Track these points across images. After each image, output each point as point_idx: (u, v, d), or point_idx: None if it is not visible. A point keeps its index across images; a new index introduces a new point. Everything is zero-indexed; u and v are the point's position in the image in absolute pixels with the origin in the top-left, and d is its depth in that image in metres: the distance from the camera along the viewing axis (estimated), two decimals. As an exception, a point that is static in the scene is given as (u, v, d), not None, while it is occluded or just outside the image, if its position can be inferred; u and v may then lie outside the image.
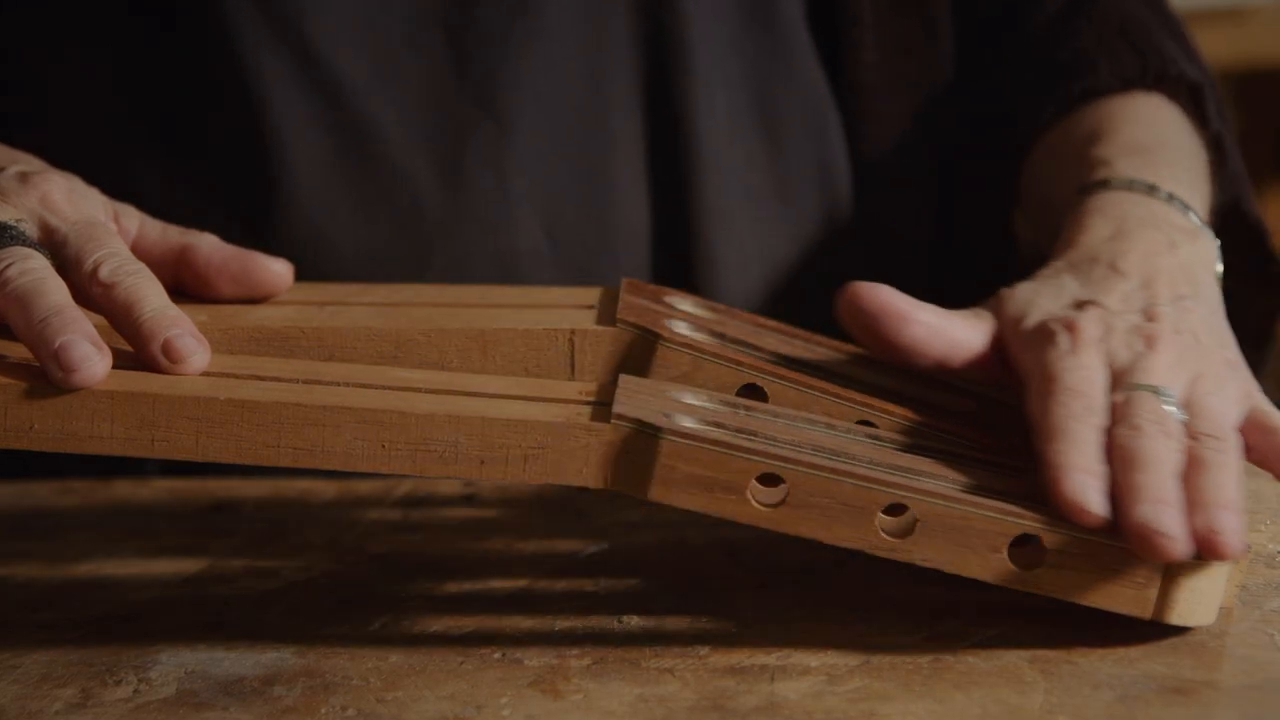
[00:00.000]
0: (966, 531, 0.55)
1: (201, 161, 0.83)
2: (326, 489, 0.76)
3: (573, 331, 0.63)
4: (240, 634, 0.59)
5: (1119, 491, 0.55)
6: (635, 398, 0.57)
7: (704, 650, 0.57)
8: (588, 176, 0.84)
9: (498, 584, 0.64)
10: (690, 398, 0.59)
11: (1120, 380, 0.60)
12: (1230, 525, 0.55)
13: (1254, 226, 0.82)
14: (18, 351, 0.58)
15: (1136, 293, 0.65)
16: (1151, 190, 0.73)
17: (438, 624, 0.60)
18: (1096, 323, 0.62)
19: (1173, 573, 0.55)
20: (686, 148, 0.85)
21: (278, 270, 0.66)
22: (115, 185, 0.72)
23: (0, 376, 0.56)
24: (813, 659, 0.56)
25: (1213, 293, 0.68)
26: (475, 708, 0.53)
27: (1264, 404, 0.63)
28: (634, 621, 0.60)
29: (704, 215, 0.85)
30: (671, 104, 0.85)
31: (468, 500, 0.75)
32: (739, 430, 0.57)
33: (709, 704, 0.53)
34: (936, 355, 0.63)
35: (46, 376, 0.55)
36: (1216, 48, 2.36)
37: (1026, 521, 0.55)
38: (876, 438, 0.60)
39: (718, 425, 0.57)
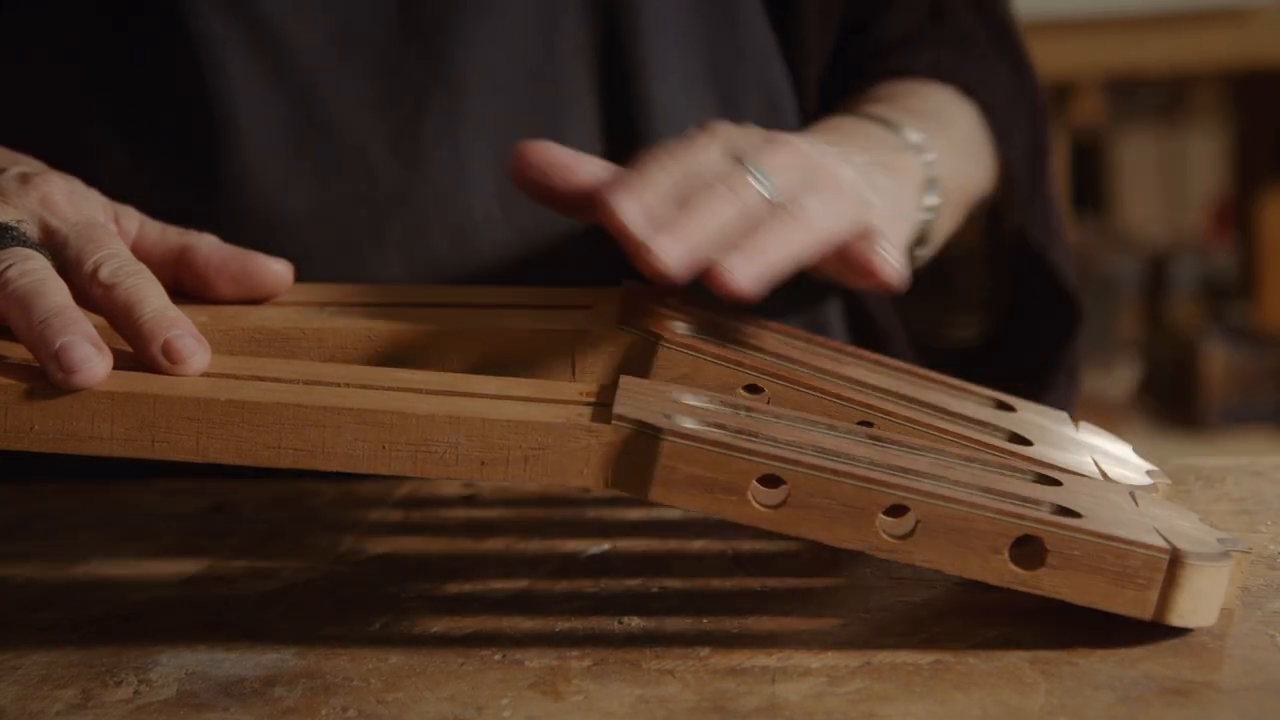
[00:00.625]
0: (967, 532, 0.55)
1: (152, 128, 0.82)
2: (327, 490, 0.76)
3: (573, 332, 0.63)
4: (241, 635, 0.59)
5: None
6: (636, 398, 0.57)
7: (705, 651, 0.57)
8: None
9: (498, 585, 0.64)
10: (691, 399, 0.59)
11: (733, 167, 0.63)
12: (738, 265, 0.60)
13: (1038, 256, 0.87)
14: (18, 352, 0.58)
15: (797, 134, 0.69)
16: (888, 124, 0.78)
17: (438, 625, 0.60)
18: (731, 127, 0.66)
19: (1174, 574, 0.55)
20: (640, 112, 0.85)
21: (278, 270, 0.66)
22: (65, 153, 0.72)
23: (0, 377, 0.56)
24: (813, 660, 0.56)
25: (885, 174, 0.72)
26: (476, 709, 0.53)
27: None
28: (635, 622, 0.60)
29: None
30: (625, 69, 0.84)
31: (468, 501, 0.75)
32: (740, 431, 0.57)
33: (710, 705, 0.53)
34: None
35: (47, 377, 0.55)
36: (1217, 48, 2.36)
37: (1027, 522, 0.55)
38: (877, 439, 0.60)
39: (718, 426, 0.57)
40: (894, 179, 0.74)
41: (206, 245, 0.66)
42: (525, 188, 0.66)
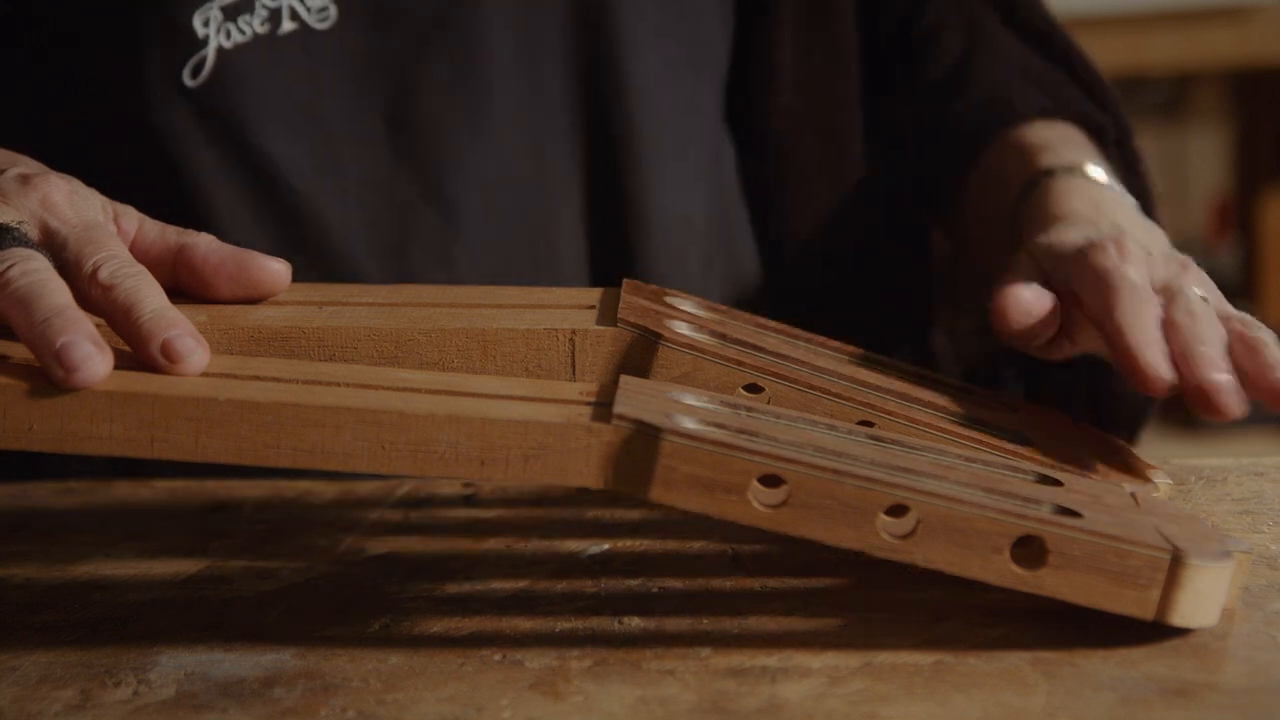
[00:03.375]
0: (968, 532, 0.55)
1: None
2: (326, 490, 0.76)
3: (573, 332, 0.63)
4: (240, 635, 0.59)
5: (1181, 364, 0.63)
6: (636, 398, 0.57)
7: (705, 652, 0.57)
8: (533, 258, 0.84)
9: (498, 585, 0.64)
10: (691, 398, 0.59)
11: (1163, 288, 0.67)
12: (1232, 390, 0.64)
13: None
14: (17, 353, 0.58)
15: (1149, 237, 0.71)
16: (1093, 177, 0.79)
17: (438, 625, 0.60)
18: (1136, 243, 0.69)
19: (1175, 575, 0.55)
20: (631, 218, 0.85)
21: (275, 269, 0.66)
22: None
23: (0, 378, 0.56)
24: (814, 661, 0.56)
25: None
26: (476, 709, 0.53)
27: None
28: (635, 623, 0.59)
29: (654, 283, 0.85)
30: (616, 175, 0.85)
31: (468, 501, 0.75)
32: (740, 431, 0.57)
33: (710, 705, 0.53)
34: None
35: (47, 376, 0.55)
36: (1218, 47, 2.36)
37: (1028, 522, 0.55)
38: (878, 439, 0.60)
39: (719, 426, 0.57)
40: None
41: (204, 244, 0.66)
42: (1013, 339, 0.69)
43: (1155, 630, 0.56)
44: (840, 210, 0.92)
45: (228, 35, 0.80)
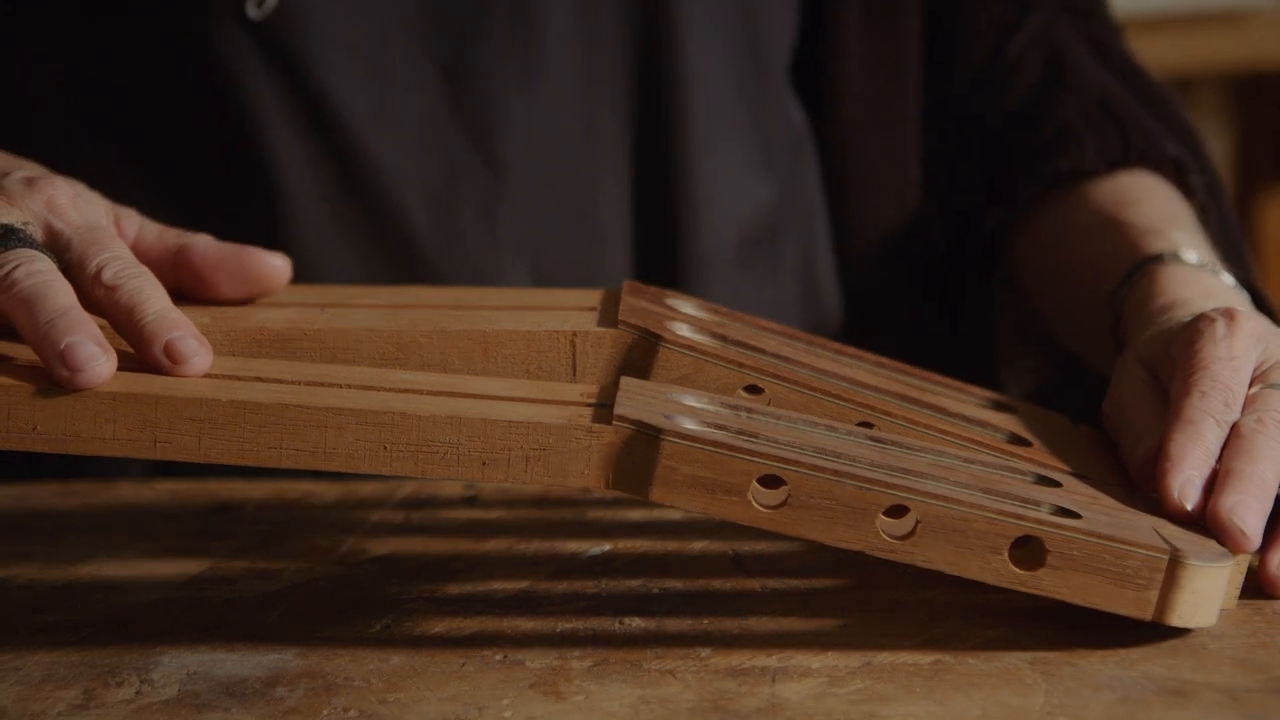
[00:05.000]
0: (967, 533, 0.55)
1: (206, 190, 0.83)
2: (328, 491, 0.77)
3: (574, 333, 0.63)
4: (242, 635, 0.59)
5: (1220, 474, 0.58)
6: (636, 399, 0.57)
7: (705, 652, 0.57)
8: (577, 224, 0.84)
9: (499, 585, 0.64)
10: (691, 399, 0.59)
11: (1261, 376, 0.62)
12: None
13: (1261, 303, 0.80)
14: (20, 354, 0.58)
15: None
16: (1201, 265, 0.75)
17: (439, 625, 0.60)
18: (1252, 316, 0.64)
19: (1174, 575, 0.55)
20: (682, 194, 0.85)
21: (276, 264, 0.66)
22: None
23: (4, 378, 0.56)
24: (814, 661, 0.56)
25: None
26: (477, 709, 0.53)
27: None
28: (635, 623, 0.60)
29: (693, 266, 0.85)
30: (666, 150, 0.85)
31: (469, 502, 0.75)
32: (740, 432, 0.57)
33: (710, 705, 0.53)
34: None
35: (51, 377, 0.56)
36: (1217, 50, 2.36)
37: (1027, 523, 0.55)
38: (877, 439, 0.60)
39: (719, 427, 0.57)
40: None
41: (202, 243, 0.66)
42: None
43: (1154, 630, 0.56)
44: (897, 230, 0.91)
45: None
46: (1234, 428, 0.60)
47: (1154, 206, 0.81)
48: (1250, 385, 0.62)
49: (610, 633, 0.59)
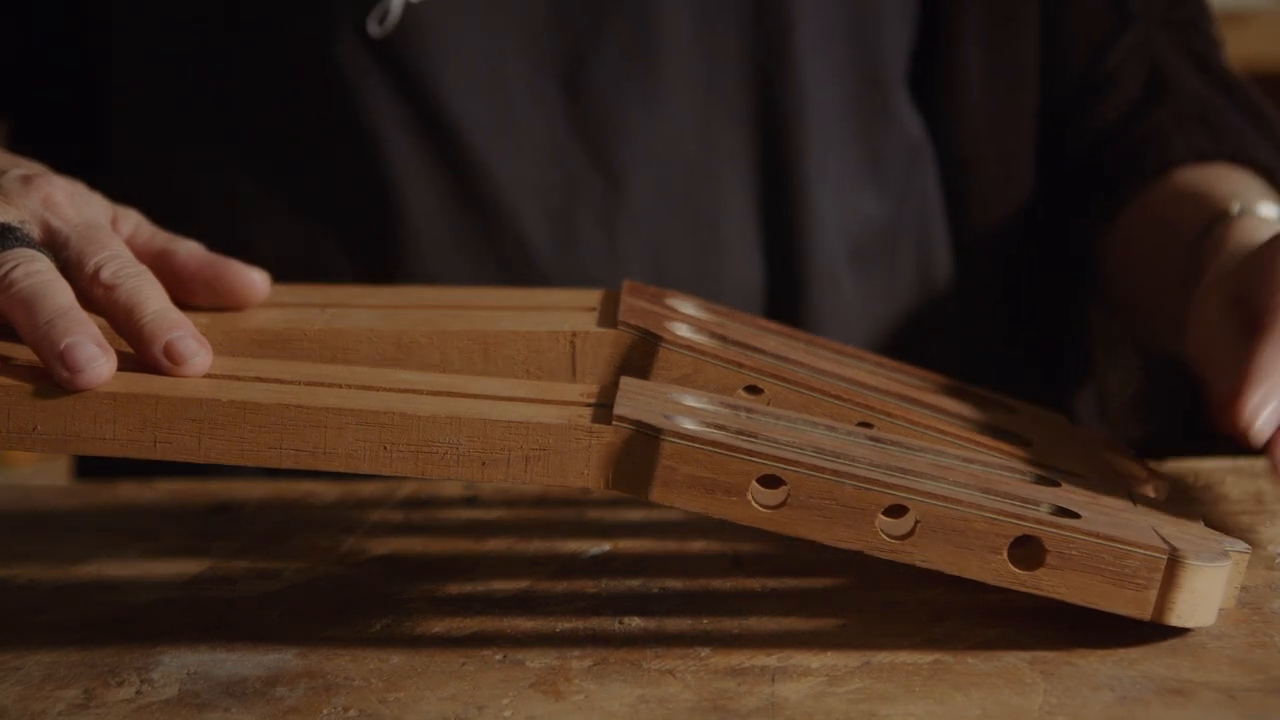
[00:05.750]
0: (966, 533, 0.55)
1: (324, 203, 0.83)
2: (329, 491, 0.77)
3: (574, 334, 0.63)
4: (242, 635, 0.59)
5: None
6: (636, 399, 0.58)
7: (705, 651, 0.57)
8: (698, 237, 0.84)
9: (499, 585, 0.64)
10: (691, 400, 0.59)
11: None
12: None
13: None
14: (21, 354, 0.58)
15: None
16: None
17: (439, 625, 0.60)
18: None
19: (1173, 575, 0.55)
20: (797, 208, 0.85)
21: (251, 279, 0.65)
22: (237, 229, 0.72)
23: (4, 379, 0.56)
24: (813, 660, 0.56)
25: None
26: (477, 708, 0.53)
27: None
28: (635, 623, 0.60)
29: (812, 276, 0.85)
30: (783, 165, 0.85)
31: (469, 502, 0.75)
32: (740, 432, 0.57)
33: (710, 705, 0.53)
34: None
35: (51, 378, 0.56)
36: (1217, 50, 2.36)
37: (1026, 523, 0.55)
38: (877, 439, 0.60)
39: (718, 427, 0.57)
40: None
41: (184, 250, 0.66)
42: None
43: (1153, 630, 0.56)
44: (1015, 240, 0.91)
45: None
46: None
47: (1236, 182, 0.81)
48: None
49: (610, 632, 0.59)
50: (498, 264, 0.83)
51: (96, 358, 0.55)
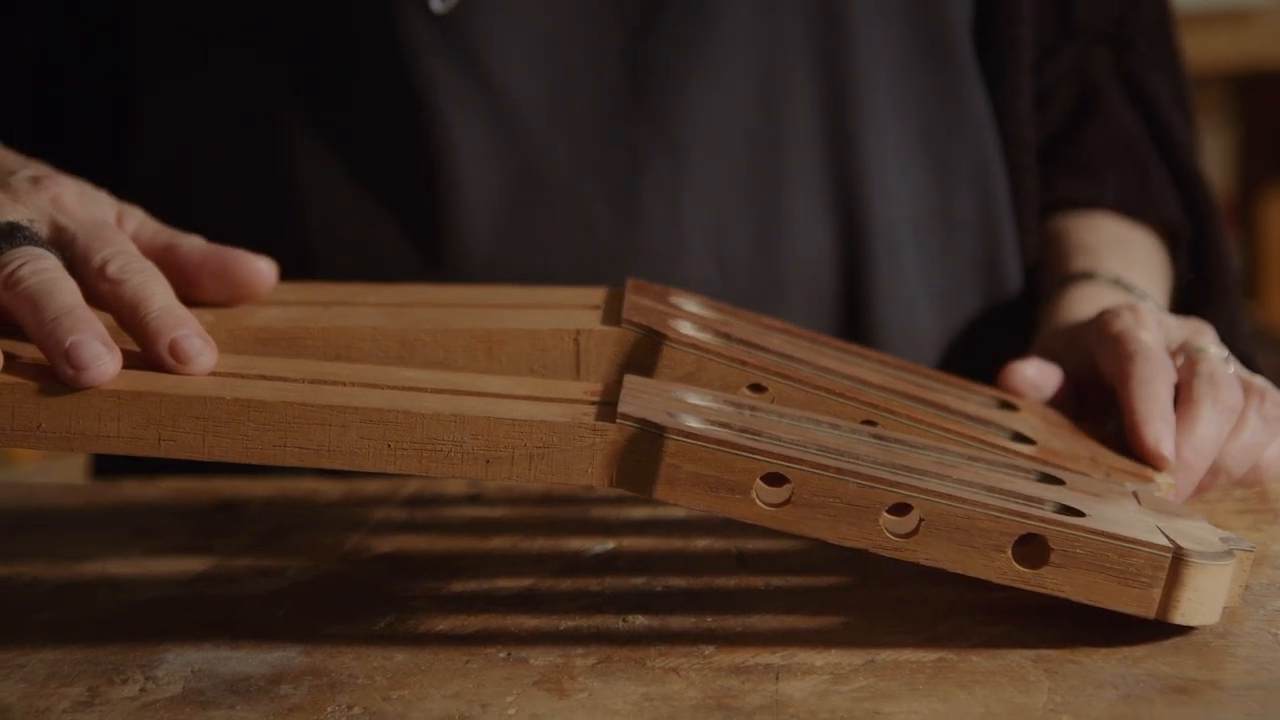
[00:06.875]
0: (970, 531, 0.55)
1: (378, 182, 0.83)
2: (333, 489, 0.77)
3: (578, 332, 0.63)
4: (246, 633, 0.59)
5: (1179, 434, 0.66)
6: (640, 397, 0.58)
7: (709, 649, 0.57)
8: (760, 207, 0.84)
9: (503, 583, 0.64)
10: (695, 397, 0.59)
11: (1180, 349, 0.70)
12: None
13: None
14: (25, 352, 0.58)
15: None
16: (1129, 288, 0.81)
17: (443, 623, 0.60)
18: (1151, 309, 0.72)
19: (1177, 573, 0.55)
20: (858, 178, 0.85)
21: (258, 267, 0.65)
22: (290, 206, 0.74)
23: (8, 376, 0.56)
24: (817, 658, 0.56)
25: None
26: (480, 706, 0.53)
27: None
28: (639, 621, 0.60)
29: (874, 248, 0.85)
30: (844, 135, 0.85)
31: (473, 500, 0.75)
32: (744, 430, 0.57)
33: (714, 703, 0.53)
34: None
35: (56, 375, 0.56)
36: (1220, 49, 2.36)
37: (1031, 521, 0.55)
38: (881, 437, 0.60)
39: (723, 425, 0.57)
40: None
41: (188, 244, 0.66)
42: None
43: (1157, 628, 0.56)
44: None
45: None
46: (1185, 386, 0.67)
47: (1117, 240, 0.87)
48: (1174, 357, 0.69)
49: (614, 630, 0.59)
50: (557, 241, 0.82)
51: (101, 356, 0.55)
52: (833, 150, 0.85)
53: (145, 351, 0.58)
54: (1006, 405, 0.69)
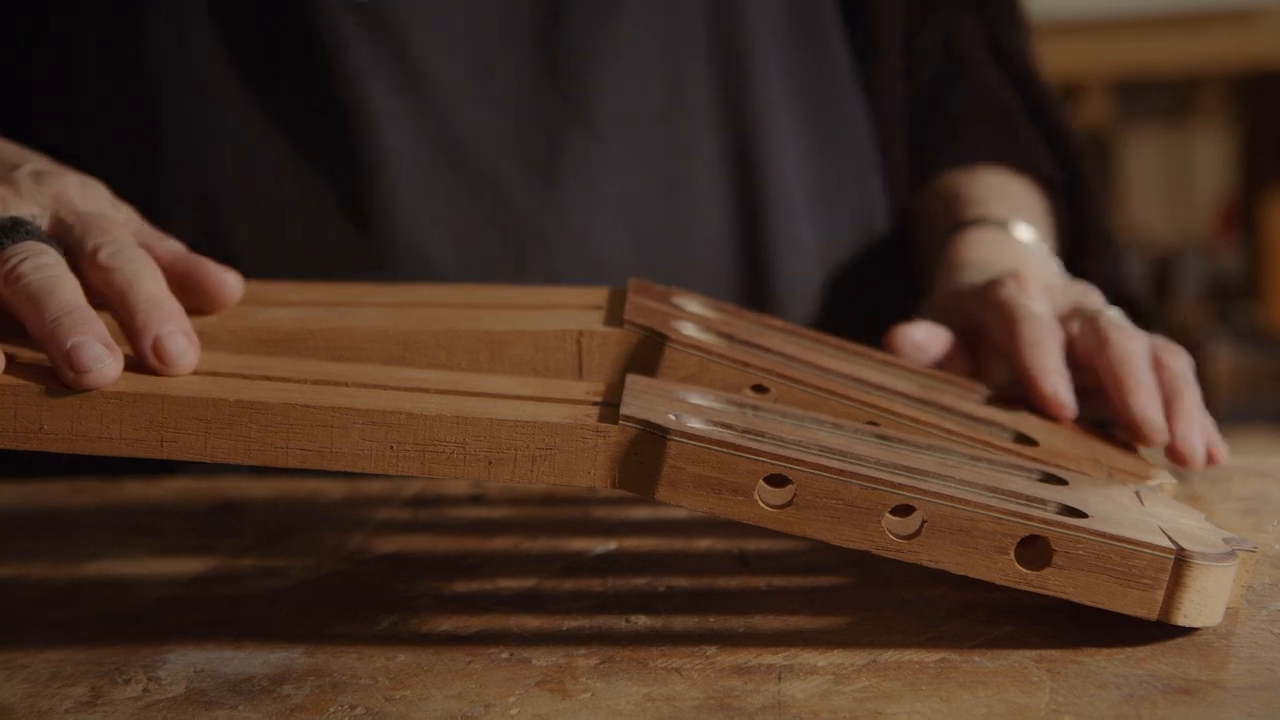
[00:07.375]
0: (973, 532, 0.55)
1: (302, 163, 0.84)
2: (335, 489, 0.77)
3: (580, 333, 0.63)
4: (249, 633, 0.59)
5: (1109, 384, 0.69)
6: (643, 398, 0.58)
7: (711, 650, 0.57)
8: (669, 183, 0.87)
9: (506, 584, 0.64)
10: (697, 398, 0.59)
11: (1072, 313, 0.73)
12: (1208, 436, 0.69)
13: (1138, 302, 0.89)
14: (27, 353, 0.58)
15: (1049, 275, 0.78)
16: (1017, 229, 0.84)
17: (446, 623, 0.60)
18: (1035, 276, 0.75)
19: (1179, 574, 0.55)
20: (755, 150, 0.88)
21: (224, 279, 0.65)
22: (215, 187, 0.76)
23: (10, 378, 0.56)
24: (820, 659, 0.56)
25: None
26: (483, 706, 0.53)
27: None
28: (641, 621, 0.60)
29: (771, 216, 0.89)
30: (741, 109, 0.88)
31: (476, 500, 0.75)
32: (746, 431, 0.57)
33: (716, 703, 0.53)
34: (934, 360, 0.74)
35: (58, 377, 0.56)
36: (1223, 49, 2.36)
37: (1033, 522, 0.55)
38: (883, 438, 0.60)
39: (725, 426, 0.57)
40: None
41: (161, 247, 0.66)
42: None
43: (1160, 629, 0.56)
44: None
45: None
46: (1078, 343, 0.71)
47: (997, 189, 0.90)
48: (1068, 323, 0.72)
49: (616, 631, 0.59)
50: (481, 220, 0.84)
51: (103, 358, 0.56)
52: (731, 123, 0.88)
53: (132, 346, 0.58)
54: (1008, 405, 0.69)
